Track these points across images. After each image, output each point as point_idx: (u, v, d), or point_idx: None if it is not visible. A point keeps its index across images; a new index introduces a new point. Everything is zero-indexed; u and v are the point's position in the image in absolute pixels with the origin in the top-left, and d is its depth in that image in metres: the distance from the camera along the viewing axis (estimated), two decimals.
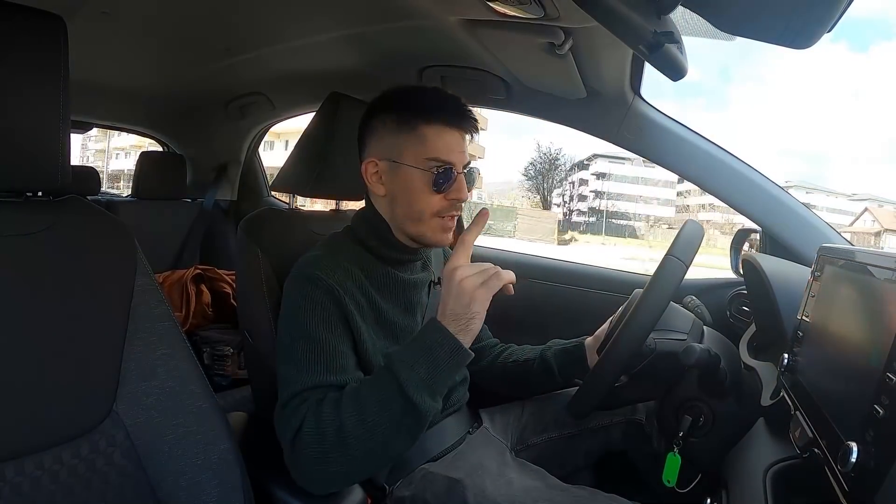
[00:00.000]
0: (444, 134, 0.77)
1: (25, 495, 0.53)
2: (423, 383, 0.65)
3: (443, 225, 0.80)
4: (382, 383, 0.67)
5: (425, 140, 0.77)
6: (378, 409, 0.66)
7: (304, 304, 0.75)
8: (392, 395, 0.65)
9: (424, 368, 0.65)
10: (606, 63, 1.02)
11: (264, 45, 1.32)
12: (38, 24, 0.57)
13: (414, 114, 0.77)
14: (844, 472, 0.41)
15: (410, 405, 0.65)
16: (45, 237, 0.61)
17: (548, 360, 0.97)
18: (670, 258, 0.76)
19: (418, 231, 0.81)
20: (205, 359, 1.57)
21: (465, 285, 0.66)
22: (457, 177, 0.78)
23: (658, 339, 0.81)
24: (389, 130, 0.79)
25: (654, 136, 1.16)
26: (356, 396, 0.68)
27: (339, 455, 0.66)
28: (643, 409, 0.97)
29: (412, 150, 0.77)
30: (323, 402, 0.68)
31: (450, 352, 0.66)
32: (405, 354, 0.67)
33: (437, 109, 0.77)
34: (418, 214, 0.79)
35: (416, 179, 0.77)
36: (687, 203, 36.68)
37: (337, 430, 0.66)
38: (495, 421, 0.99)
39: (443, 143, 0.77)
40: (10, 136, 0.56)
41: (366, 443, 0.66)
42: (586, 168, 38.25)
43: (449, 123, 0.78)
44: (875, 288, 0.48)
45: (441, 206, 0.79)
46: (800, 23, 0.55)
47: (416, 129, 0.77)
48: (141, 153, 1.96)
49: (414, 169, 0.77)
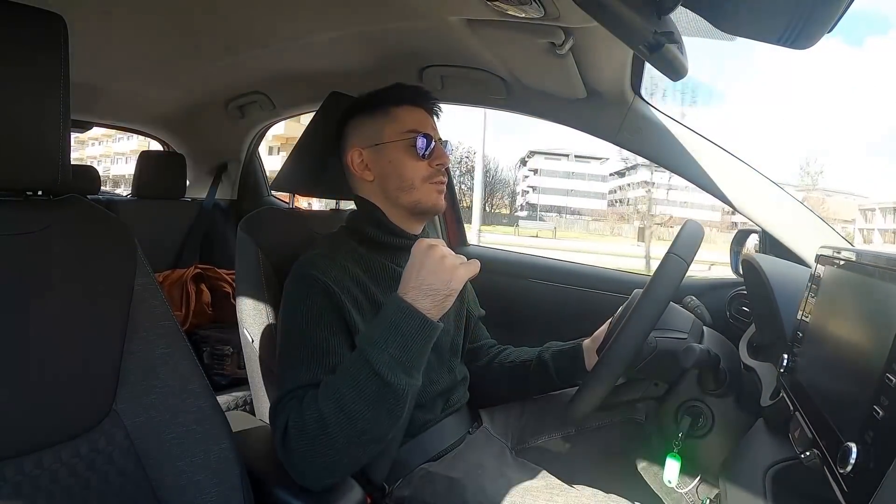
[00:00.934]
0: (413, 111, 0.88)
1: (25, 494, 0.53)
2: (394, 361, 0.64)
3: (434, 188, 0.86)
4: (355, 368, 0.65)
5: (398, 117, 0.86)
6: (355, 395, 0.64)
7: (303, 304, 0.75)
8: (365, 378, 0.64)
9: (395, 346, 0.64)
10: (606, 63, 1.02)
11: (264, 45, 1.32)
12: (39, 22, 0.57)
13: (384, 101, 0.88)
14: (844, 473, 0.41)
15: (385, 385, 0.63)
16: (45, 236, 0.60)
17: (545, 362, 0.97)
18: (672, 256, 0.76)
19: (412, 199, 0.85)
20: (204, 358, 1.57)
21: (447, 262, 0.66)
22: (436, 145, 0.86)
23: (659, 337, 0.81)
24: (366, 121, 0.88)
25: (654, 136, 1.16)
26: (332, 385, 0.67)
27: (323, 446, 0.65)
28: (643, 409, 0.97)
29: (390, 128, 0.86)
30: (305, 397, 0.68)
31: (418, 326, 0.64)
32: (373, 333, 0.66)
33: (402, 94, 0.88)
34: (409, 183, 0.85)
35: (399, 151, 0.85)
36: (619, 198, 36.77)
37: (317, 421, 0.65)
38: (495, 421, 0.99)
39: (415, 118, 0.87)
40: (10, 135, 0.56)
41: (348, 429, 0.65)
42: (525, 164, 39.33)
43: (415, 103, 0.88)
44: (875, 288, 0.48)
45: (428, 172, 0.86)
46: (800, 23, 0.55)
47: (389, 111, 0.87)
48: (141, 152, 1.96)
49: (396, 143, 0.85)
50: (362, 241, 0.86)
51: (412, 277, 0.67)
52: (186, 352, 0.67)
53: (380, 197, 0.87)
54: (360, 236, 0.86)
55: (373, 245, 0.86)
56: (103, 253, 0.64)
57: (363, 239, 0.86)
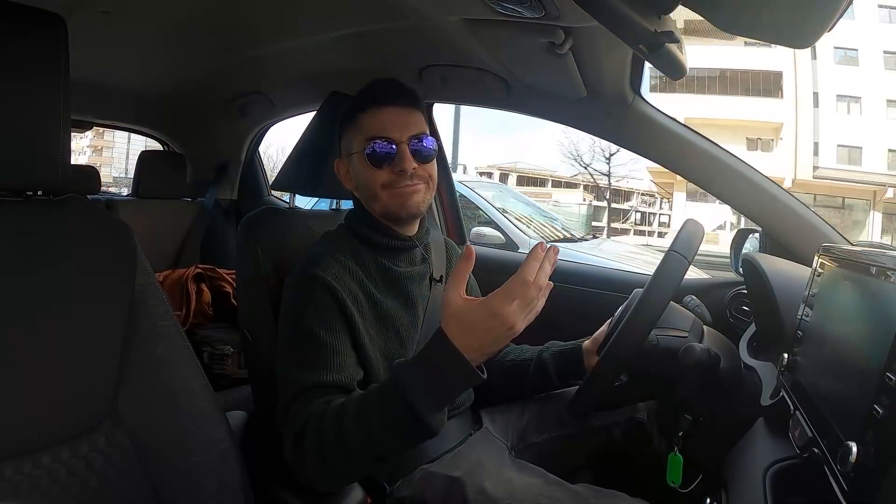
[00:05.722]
0: (378, 114, 0.82)
1: (24, 494, 0.53)
2: (436, 406, 0.64)
3: (398, 192, 0.82)
4: (389, 398, 0.65)
5: (362, 125, 0.83)
6: (383, 425, 0.65)
7: (303, 303, 0.75)
8: (399, 411, 0.64)
9: (441, 394, 0.64)
10: (606, 62, 1.02)
11: (264, 45, 1.32)
12: (39, 23, 0.57)
13: (353, 109, 0.85)
14: (844, 472, 0.41)
15: (419, 421, 0.63)
16: (45, 236, 0.60)
17: (544, 362, 0.96)
18: (672, 253, 0.76)
19: (379, 207, 0.84)
20: (205, 358, 1.57)
21: (515, 330, 0.62)
22: (399, 148, 0.81)
23: (660, 335, 0.81)
24: (344, 131, 0.87)
25: (654, 135, 1.15)
26: (362, 412, 0.66)
27: (340, 461, 0.67)
28: (644, 408, 0.97)
29: (356, 138, 0.84)
30: (325, 413, 0.68)
31: (465, 376, 0.63)
32: (418, 378, 0.64)
33: (367, 96, 0.84)
34: (371, 192, 0.84)
35: (359, 162, 0.83)
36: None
37: (337, 439, 0.66)
38: (496, 421, 0.99)
39: (377, 122, 0.82)
40: (11, 135, 0.56)
41: (368, 450, 0.66)
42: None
43: (379, 102, 0.83)
44: (875, 288, 0.48)
45: (387, 179, 0.82)
46: (800, 22, 0.55)
47: (356, 120, 0.84)
48: (141, 152, 1.96)
49: (359, 154, 0.83)
50: (361, 240, 0.86)
51: (470, 334, 0.62)
52: (187, 352, 0.68)
53: (364, 203, 0.88)
54: (359, 235, 0.86)
55: (370, 244, 0.86)
56: (103, 253, 0.64)
57: (361, 238, 0.86)
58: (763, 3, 0.57)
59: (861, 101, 16.63)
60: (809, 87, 16.81)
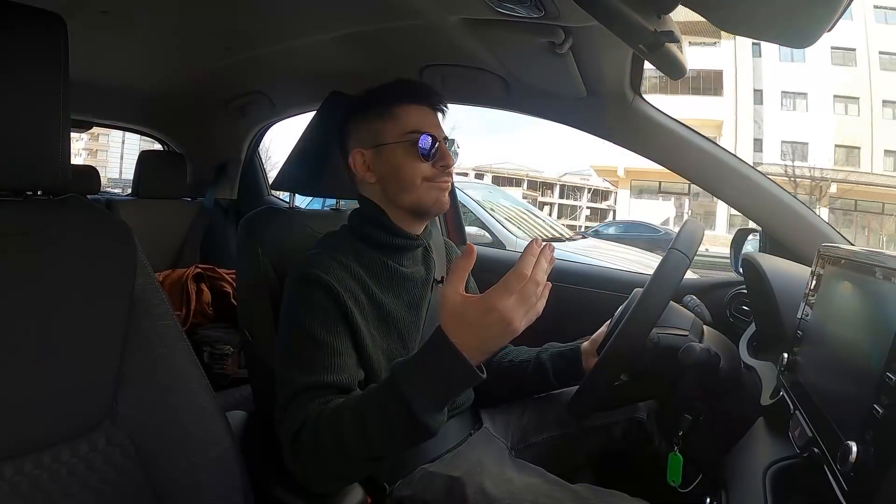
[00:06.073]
0: (415, 110, 0.84)
1: (24, 494, 0.53)
2: (435, 406, 0.63)
3: (437, 186, 0.84)
4: (387, 400, 0.63)
5: (400, 118, 0.83)
6: (381, 427, 0.63)
7: (303, 304, 0.75)
8: (398, 413, 0.62)
9: (440, 394, 0.63)
10: (606, 62, 1.02)
11: (264, 45, 1.32)
12: (38, 23, 0.57)
13: (385, 100, 0.85)
14: (844, 472, 0.41)
15: (418, 423, 0.62)
16: (45, 236, 0.60)
17: (543, 363, 0.96)
18: (674, 251, 0.76)
19: (413, 199, 0.84)
20: (205, 358, 1.57)
21: (514, 327, 0.60)
22: (439, 145, 0.83)
23: (661, 333, 0.81)
24: (367, 121, 0.86)
25: (654, 135, 1.15)
26: (359, 412, 0.65)
27: (338, 464, 0.66)
28: (644, 408, 0.97)
29: (391, 129, 0.83)
30: (322, 413, 0.67)
31: (465, 376, 0.62)
32: (416, 377, 0.62)
33: (403, 91, 0.85)
34: (410, 183, 0.83)
35: (400, 153, 0.83)
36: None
37: (337, 442, 0.65)
38: (496, 421, 0.99)
39: (416, 117, 0.84)
40: (10, 135, 0.56)
41: (366, 451, 0.65)
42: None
43: (416, 101, 0.85)
44: (875, 288, 0.48)
45: (431, 173, 0.83)
46: (800, 22, 0.55)
47: (391, 111, 0.84)
48: (141, 152, 1.97)
49: (397, 145, 0.83)
50: (364, 241, 0.86)
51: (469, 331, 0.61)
52: (187, 352, 0.67)
53: (381, 197, 0.86)
54: (362, 235, 0.86)
55: (374, 245, 0.86)
56: (103, 253, 0.64)
57: (365, 238, 0.86)
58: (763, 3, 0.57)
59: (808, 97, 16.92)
60: (750, 85, 17.09)
